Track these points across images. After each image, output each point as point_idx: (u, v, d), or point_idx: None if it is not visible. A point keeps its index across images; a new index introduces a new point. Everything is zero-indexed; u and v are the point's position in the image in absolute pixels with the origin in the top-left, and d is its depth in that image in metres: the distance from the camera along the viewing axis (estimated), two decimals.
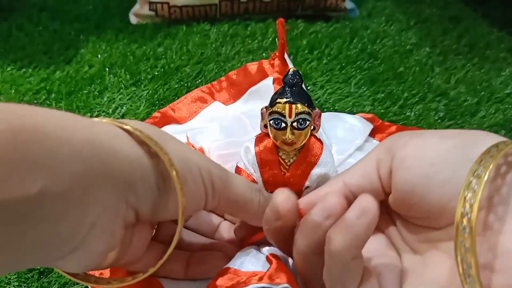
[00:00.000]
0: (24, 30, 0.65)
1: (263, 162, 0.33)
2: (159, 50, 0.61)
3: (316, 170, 0.32)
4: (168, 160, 0.23)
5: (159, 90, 0.53)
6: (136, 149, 0.23)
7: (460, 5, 0.76)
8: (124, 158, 0.22)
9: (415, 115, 0.50)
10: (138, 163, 0.23)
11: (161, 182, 0.24)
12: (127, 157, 0.22)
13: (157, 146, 0.23)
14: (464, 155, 0.22)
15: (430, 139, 0.24)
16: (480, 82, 0.56)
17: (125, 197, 0.22)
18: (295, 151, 0.32)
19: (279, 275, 0.27)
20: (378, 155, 0.26)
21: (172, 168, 0.23)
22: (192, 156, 0.26)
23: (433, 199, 0.23)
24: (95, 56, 0.59)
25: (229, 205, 0.28)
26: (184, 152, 0.26)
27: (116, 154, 0.22)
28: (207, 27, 0.67)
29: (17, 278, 0.33)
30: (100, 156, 0.21)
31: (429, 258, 0.24)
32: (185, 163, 0.25)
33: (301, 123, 0.30)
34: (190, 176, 0.25)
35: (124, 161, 0.22)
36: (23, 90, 0.52)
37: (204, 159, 0.27)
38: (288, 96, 0.30)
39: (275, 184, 0.33)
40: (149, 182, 0.23)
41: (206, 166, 0.26)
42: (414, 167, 0.23)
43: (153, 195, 0.24)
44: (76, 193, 0.20)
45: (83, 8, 0.71)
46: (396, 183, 0.24)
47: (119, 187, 0.22)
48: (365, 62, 0.59)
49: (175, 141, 0.26)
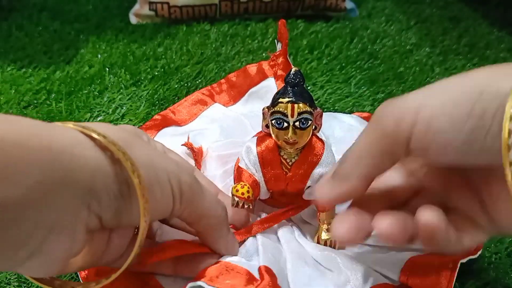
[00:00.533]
0: (24, 30, 0.64)
1: (265, 162, 0.32)
2: (159, 50, 0.61)
3: (318, 169, 0.32)
4: (130, 166, 0.22)
5: (159, 90, 0.53)
6: (99, 155, 0.22)
7: (460, 5, 0.76)
8: (85, 165, 0.22)
9: None
10: (100, 170, 0.22)
11: (125, 188, 0.23)
12: (88, 164, 0.22)
13: (119, 152, 0.22)
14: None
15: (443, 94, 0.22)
16: None
17: (86, 203, 0.22)
18: (297, 151, 0.32)
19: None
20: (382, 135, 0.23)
21: (134, 174, 0.23)
22: (161, 162, 0.25)
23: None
24: (95, 56, 0.59)
25: (192, 215, 0.28)
26: (151, 158, 0.25)
27: (77, 161, 0.21)
28: (207, 27, 0.66)
29: (17, 278, 0.33)
30: (60, 164, 0.20)
31: None
32: (152, 169, 0.24)
33: (303, 123, 0.30)
34: (156, 182, 0.24)
35: (85, 168, 0.21)
36: (23, 90, 0.52)
37: (175, 166, 0.26)
38: (290, 96, 0.30)
39: (277, 183, 0.33)
40: (112, 188, 0.23)
41: (176, 172, 0.26)
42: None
43: (117, 202, 0.23)
44: (32, 201, 0.19)
45: (83, 8, 0.71)
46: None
47: (80, 193, 0.21)
48: (365, 62, 0.59)
49: (143, 147, 0.26)
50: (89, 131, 0.23)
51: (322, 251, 0.33)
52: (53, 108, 0.50)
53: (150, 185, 0.24)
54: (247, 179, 0.33)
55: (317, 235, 0.34)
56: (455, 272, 0.30)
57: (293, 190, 0.34)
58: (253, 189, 0.33)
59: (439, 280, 0.30)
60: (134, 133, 0.28)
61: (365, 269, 0.32)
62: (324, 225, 0.34)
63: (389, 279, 0.32)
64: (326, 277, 0.31)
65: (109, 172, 0.23)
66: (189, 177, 0.27)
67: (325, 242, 0.34)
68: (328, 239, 0.34)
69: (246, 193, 0.32)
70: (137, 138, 0.26)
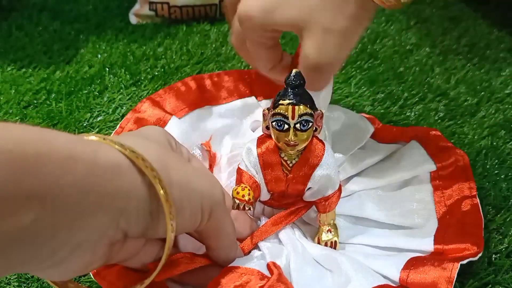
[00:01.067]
0: (24, 30, 0.64)
1: (266, 163, 0.32)
2: (159, 50, 0.61)
3: (318, 171, 0.32)
4: (163, 194, 0.23)
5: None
6: (136, 178, 0.22)
7: (460, 5, 0.76)
8: (122, 187, 0.22)
9: (415, 115, 0.50)
10: (135, 193, 0.22)
11: (155, 207, 0.23)
12: (124, 186, 0.22)
13: (155, 179, 0.23)
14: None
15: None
16: (480, 82, 0.56)
17: (116, 222, 0.22)
18: (297, 153, 0.32)
19: (279, 286, 0.27)
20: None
21: (167, 204, 0.23)
22: (196, 182, 0.26)
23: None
24: (95, 56, 0.59)
25: (211, 232, 0.28)
26: (188, 179, 0.25)
27: (115, 185, 0.21)
28: (207, 27, 0.66)
29: (17, 279, 0.33)
30: (98, 188, 0.20)
31: None
32: (186, 191, 0.25)
33: (303, 125, 0.30)
34: (188, 205, 0.25)
35: (121, 191, 0.22)
36: (23, 90, 0.52)
37: (209, 186, 0.27)
38: (291, 98, 0.30)
39: (278, 185, 0.33)
40: (143, 209, 0.23)
41: (210, 194, 0.26)
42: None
43: (145, 221, 0.24)
44: (67, 221, 0.20)
45: (83, 8, 0.71)
46: None
47: (111, 214, 0.22)
48: (365, 62, 0.59)
49: (179, 165, 0.26)
50: (130, 153, 0.22)
51: (323, 252, 0.33)
52: (53, 108, 0.50)
53: (182, 208, 0.24)
54: (247, 181, 0.33)
55: (318, 236, 0.34)
56: (454, 273, 0.30)
57: (294, 192, 0.34)
58: (254, 191, 0.32)
59: (438, 281, 0.30)
60: (165, 141, 0.28)
61: (365, 270, 0.32)
62: (325, 226, 0.34)
63: (389, 279, 0.32)
64: (327, 278, 0.31)
65: (143, 195, 0.23)
66: (219, 197, 0.27)
67: (325, 243, 0.34)
68: (329, 240, 0.34)
69: (247, 196, 0.32)
70: (171, 154, 0.26)
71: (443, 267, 0.31)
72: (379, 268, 0.32)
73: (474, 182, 0.38)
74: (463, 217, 0.35)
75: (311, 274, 0.31)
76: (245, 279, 0.28)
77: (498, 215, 0.38)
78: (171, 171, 0.24)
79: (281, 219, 0.34)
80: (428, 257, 0.33)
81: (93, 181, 0.20)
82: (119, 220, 0.22)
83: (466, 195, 0.37)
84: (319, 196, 0.33)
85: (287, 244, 0.33)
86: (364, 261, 0.33)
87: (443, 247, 0.33)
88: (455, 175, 0.38)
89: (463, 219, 0.35)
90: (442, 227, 0.35)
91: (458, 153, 0.40)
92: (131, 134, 0.29)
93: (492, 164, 0.43)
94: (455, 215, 0.36)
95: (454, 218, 0.36)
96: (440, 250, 0.33)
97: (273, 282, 0.28)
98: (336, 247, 0.34)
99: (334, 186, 0.33)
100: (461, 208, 0.36)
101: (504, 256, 0.35)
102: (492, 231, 0.37)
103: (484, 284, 0.33)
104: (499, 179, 0.42)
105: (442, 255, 0.33)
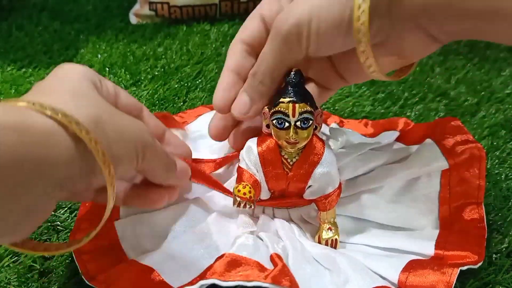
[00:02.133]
0: (24, 30, 0.65)
1: (266, 162, 0.33)
2: (159, 50, 0.61)
3: (318, 169, 0.32)
4: (101, 158, 0.23)
5: (159, 90, 0.53)
6: (71, 145, 0.22)
7: None
8: (59, 155, 0.22)
9: (415, 115, 0.50)
10: (72, 159, 0.22)
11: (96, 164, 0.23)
12: (61, 154, 0.22)
13: (91, 143, 0.22)
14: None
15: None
16: (480, 82, 0.56)
17: (59, 186, 0.22)
18: (298, 151, 0.32)
19: (283, 278, 0.27)
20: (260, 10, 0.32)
21: (105, 166, 0.23)
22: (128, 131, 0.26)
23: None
24: (95, 56, 0.59)
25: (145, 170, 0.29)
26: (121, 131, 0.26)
27: (50, 153, 0.21)
28: (207, 27, 0.67)
29: (17, 278, 0.33)
30: (33, 157, 0.21)
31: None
32: (121, 143, 0.25)
33: (304, 123, 0.30)
34: (125, 155, 0.25)
35: (58, 158, 0.22)
36: (23, 90, 0.52)
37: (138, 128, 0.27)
38: (291, 96, 0.30)
39: (278, 183, 0.33)
40: (85, 169, 0.23)
41: (140, 136, 0.27)
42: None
43: (88, 177, 0.24)
44: (6, 190, 0.20)
45: (83, 8, 0.71)
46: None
47: (53, 180, 0.22)
48: None
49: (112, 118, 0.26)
50: (63, 117, 0.22)
51: (322, 251, 0.33)
52: None
53: (120, 159, 0.25)
54: (247, 179, 0.33)
55: (318, 235, 0.34)
56: (454, 278, 0.30)
57: (294, 190, 0.34)
58: (254, 189, 0.33)
59: (437, 285, 0.30)
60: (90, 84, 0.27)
61: (364, 271, 0.32)
62: (325, 224, 0.34)
63: (387, 281, 0.32)
64: (325, 277, 0.31)
65: (82, 157, 0.23)
66: (148, 138, 0.28)
67: (326, 241, 0.34)
68: (329, 238, 0.34)
69: (248, 193, 0.32)
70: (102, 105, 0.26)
71: (442, 271, 0.31)
72: (378, 269, 0.32)
73: (484, 186, 0.36)
74: (467, 225, 0.35)
75: (309, 272, 0.31)
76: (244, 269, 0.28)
77: (498, 215, 0.38)
78: (105, 126, 0.24)
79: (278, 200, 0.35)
80: (428, 261, 0.33)
81: (27, 150, 0.20)
82: (62, 183, 0.22)
83: (473, 201, 0.36)
84: (319, 194, 0.33)
85: (286, 240, 0.33)
86: (363, 261, 0.33)
87: (443, 253, 0.33)
88: (466, 176, 0.37)
89: (467, 227, 0.35)
90: (444, 232, 0.35)
91: (475, 147, 0.37)
92: (54, 84, 0.27)
93: (492, 164, 0.43)
94: (459, 222, 0.36)
95: (457, 224, 0.36)
96: (440, 255, 0.33)
97: (276, 273, 0.28)
98: (336, 245, 0.34)
99: (334, 184, 0.33)
100: (466, 215, 0.36)
101: (505, 256, 0.35)
102: (492, 231, 0.37)
103: (484, 284, 0.33)
104: (499, 179, 0.42)
105: (442, 260, 0.33)
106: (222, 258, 0.30)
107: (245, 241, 0.32)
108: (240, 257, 0.30)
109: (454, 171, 0.37)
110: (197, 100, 0.51)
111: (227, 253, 0.30)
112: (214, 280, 0.27)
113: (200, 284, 0.27)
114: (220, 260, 0.29)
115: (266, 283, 0.27)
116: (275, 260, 0.29)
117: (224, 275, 0.28)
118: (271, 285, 0.27)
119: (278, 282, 0.27)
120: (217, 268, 0.28)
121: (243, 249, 0.31)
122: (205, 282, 0.27)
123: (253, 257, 0.30)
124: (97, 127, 0.23)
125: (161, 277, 0.31)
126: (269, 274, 0.28)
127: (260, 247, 0.32)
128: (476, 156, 0.37)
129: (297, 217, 0.36)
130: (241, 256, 0.30)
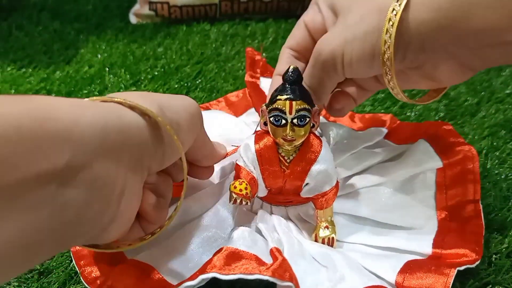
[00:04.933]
0: (24, 30, 0.65)
1: (263, 159, 0.33)
2: (159, 50, 0.61)
3: (315, 166, 0.32)
4: (176, 140, 0.27)
5: (159, 90, 0.53)
6: (137, 117, 0.26)
7: None
8: (145, 139, 0.26)
9: (415, 115, 0.50)
10: (151, 142, 0.26)
11: (160, 138, 0.27)
12: (145, 138, 0.26)
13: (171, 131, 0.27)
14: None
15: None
16: (480, 82, 0.56)
17: (141, 162, 0.26)
18: (295, 148, 0.32)
19: (283, 272, 0.27)
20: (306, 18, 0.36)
21: (177, 142, 0.27)
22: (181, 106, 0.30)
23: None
24: (95, 56, 0.59)
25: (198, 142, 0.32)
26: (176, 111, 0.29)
27: (138, 139, 0.25)
28: (207, 27, 0.67)
29: (17, 279, 0.33)
30: (128, 142, 0.24)
31: None
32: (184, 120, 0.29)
33: (301, 120, 0.31)
34: (187, 127, 0.29)
35: (143, 142, 0.25)
36: (23, 90, 0.52)
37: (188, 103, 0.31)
38: (289, 93, 0.31)
39: (275, 181, 0.33)
40: (157, 149, 0.27)
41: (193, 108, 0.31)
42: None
43: (158, 157, 0.27)
44: (100, 162, 0.22)
45: (83, 8, 0.71)
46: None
47: (134, 151, 0.25)
48: None
49: (169, 103, 0.29)
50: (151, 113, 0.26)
51: (319, 249, 0.33)
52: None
53: (187, 133, 0.29)
54: (245, 177, 0.33)
55: (315, 233, 0.34)
56: (451, 280, 0.30)
57: (291, 187, 0.34)
58: (251, 187, 0.33)
59: (434, 285, 0.30)
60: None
61: (360, 270, 0.32)
62: (322, 222, 0.34)
63: (384, 281, 0.32)
64: (321, 273, 0.31)
65: (156, 141, 0.27)
66: (198, 110, 0.31)
67: (322, 240, 0.34)
68: (326, 236, 0.34)
69: (244, 190, 0.31)
70: (156, 96, 0.29)
71: (440, 272, 0.31)
72: (375, 269, 0.32)
73: (479, 184, 0.37)
74: (464, 223, 0.35)
75: (305, 268, 0.31)
76: (243, 263, 0.28)
77: (498, 215, 0.38)
78: (166, 112, 0.28)
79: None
80: (426, 261, 0.33)
81: (107, 123, 0.23)
82: (143, 160, 0.26)
83: (469, 199, 0.36)
84: (316, 192, 0.33)
85: (283, 237, 0.33)
86: (361, 260, 0.33)
87: (441, 252, 0.33)
88: (461, 175, 0.38)
89: (464, 225, 0.35)
90: (442, 231, 0.35)
91: (468, 150, 0.39)
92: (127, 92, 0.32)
93: (492, 164, 0.43)
94: (456, 220, 0.36)
95: (455, 222, 0.36)
96: (438, 254, 0.33)
97: (276, 267, 0.28)
98: (333, 243, 0.34)
99: (331, 182, 0.33)
100: (463, 213, 0.36)
101: (504, 256, 0.35)
102: (492, 231, 0.37)
103: (484, 284, 0.33)
104: (499, 179, 0.41)
105: (439, 260, 0.33)
106: (221, 251, 0.30)
107: (241, 234, 0.32)
108: (239, 250, 0.30)
109: (449, 170, 0.38)
110: (197, 100, 0.51)
111: (225, 247, 0.30)
112: (214, 274, 0.27)
113: (200, 278, 0.27)
114: (219, 254, 0.29)
115: (267, 276, 0.27)
116: (275, 254, 0.29)
117: (224, 268, 0.28)
118: (271, 278, 0.27)
119: (279, 275, 0.27)
120: (216, 262, 0.28)
121: (240, 242, 0.31)
122: (205, 276, 0.27)
123: (251, 250, 0.30)
124: (163, 114, 0.27)
125: (161, 275, 0.31)
126: (269, 267, 0.28)
127: (258, 241, 0.32)
128: (469, 156, 0.38)
129: (294, 215, 0.36)
130: (239, 250, 0.30)
